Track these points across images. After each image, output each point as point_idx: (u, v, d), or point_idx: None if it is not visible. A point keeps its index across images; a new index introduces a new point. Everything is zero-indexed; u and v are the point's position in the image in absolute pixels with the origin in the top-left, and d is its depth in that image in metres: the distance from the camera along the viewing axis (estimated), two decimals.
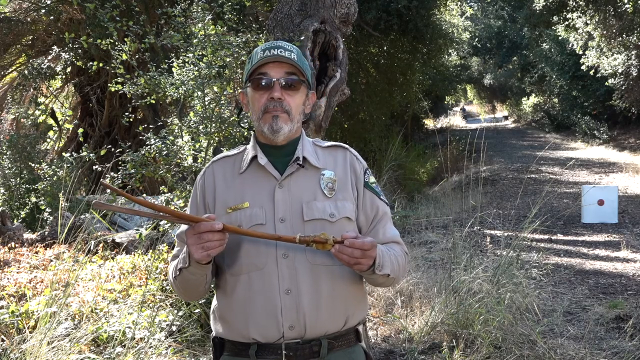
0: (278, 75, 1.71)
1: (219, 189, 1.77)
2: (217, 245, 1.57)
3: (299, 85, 1.74)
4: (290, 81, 1.72)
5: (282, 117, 1.71)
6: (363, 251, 1.59)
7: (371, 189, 1.81)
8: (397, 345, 4.39)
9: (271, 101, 1.70)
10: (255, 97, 1.74)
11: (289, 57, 1.71)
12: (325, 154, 1.81)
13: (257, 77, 1.72)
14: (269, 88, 1.71)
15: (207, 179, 1.81)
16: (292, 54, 1.73)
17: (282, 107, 1.70)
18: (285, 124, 1.72)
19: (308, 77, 1.78)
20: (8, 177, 8.81)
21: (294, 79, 1.72)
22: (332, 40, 4.17)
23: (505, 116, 36.86)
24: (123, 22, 4.88)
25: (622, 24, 14.82)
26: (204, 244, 1.57)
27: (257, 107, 1.73)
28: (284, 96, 1.71)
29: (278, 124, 1.71)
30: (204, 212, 1.77)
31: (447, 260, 5.72)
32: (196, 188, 1.84)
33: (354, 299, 1.76)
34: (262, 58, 1.71)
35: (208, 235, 1.56)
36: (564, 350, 4.09)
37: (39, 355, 3.06)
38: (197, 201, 1.81)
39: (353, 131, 13.29)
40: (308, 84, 1.78)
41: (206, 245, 1.57)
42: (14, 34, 10.35)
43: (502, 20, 28.73)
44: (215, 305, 1.81)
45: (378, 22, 11.79)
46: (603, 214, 8.99)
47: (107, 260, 5.18)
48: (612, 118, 21.13)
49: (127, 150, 4.43)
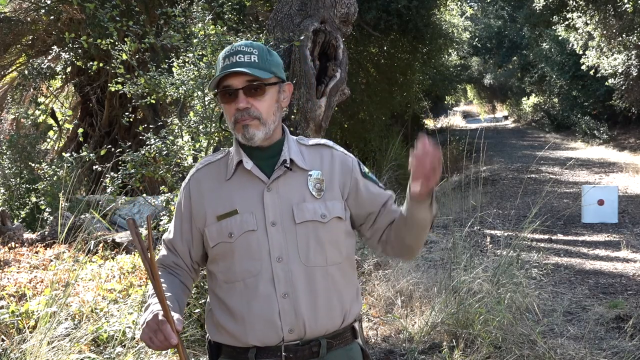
0: (240, 84, 1.68)
1: (206, 197, 1.75)
2: (161, 347, 1.60)
3: (264, 87, 1.70)
4: (253, 86, 1.69)
5: (252, 124, 1.69)
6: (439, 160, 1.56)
7: (370, 179, 1.81)
8: (397, 345, 4.39)
9: (238, 111, 1.69)
10: (225, 108, 1.73)
11: (248, 62, 1.67)
12: (310, 152, 1.79)
13: (221, 90, 1.71)
14: (235, 97, 1.69)
15: (193, 188, 1.78)
16: (252, 56, 1.69)
17: (249, 115, 1.68)
18: (257, 129, 1.70)
19: (276, 73, 1.73)
20: (8, 177, 8.81)
21: (256, 84, 1.69)
22: (332, 40, 4.17)
23: (505, 116, 36.84)
24: (123, 22, 4.87)
25: (622, 23, 14.82)
26: (153, 339, 1.59)
27: (229, 118, 1.72)
28: (250, 102, 1.68)
29: (250, 132, 1.69)
30: (189, 223, 1.77)
31: (447, 260, 5.72)
32: (180, 198, 1.81)
33: (349, 296, 1.76)
34: (222, 68, 1.69)
35: (161, 337, 1.58)
36: (564, 350, 4.09)
37: (39, 355, 3.06)
38: (181, 211, 1.79)
39: (353, 131, 13.28)
40: (278, 78, 1.74)
41: (154, 341, 1.59)
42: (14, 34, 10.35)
43: (502, 20, 28.71)
44: (209, 309, 1.79)
45: (378, 22, 11.78)
46: (603, 214, 8.98)
47: (107, 260, 5.18)
48: (612, 118, 21.12)
49: (127, 150, 4.43)
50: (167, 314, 1.61)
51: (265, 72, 1.69)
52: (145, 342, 1.61)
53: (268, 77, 1.70)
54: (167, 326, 1.58)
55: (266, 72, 1.69)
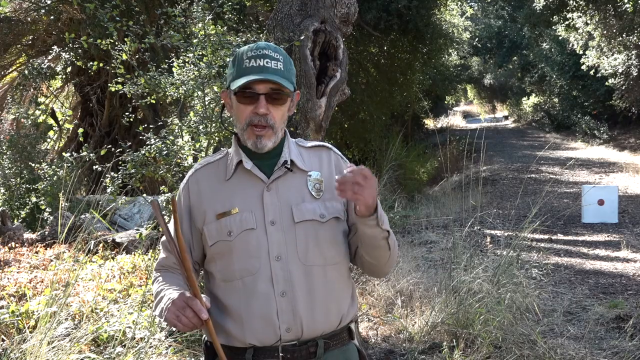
0: (264, 90, 1.67)
1: (205, 196, 1.75)
2: (189, 326, 1.57)
3: (285, 98, 1.70)
4: (276, 95, 1.68)
5: (266, 135, 1.68)
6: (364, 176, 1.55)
7: None
8: (397, 345, 4.39)
9: (256, 115, 1.67)
10: (240, 108, 1.70)
11: (275, 70, 1.66)
12: (310, 154, 1.80)
13: (241, 89, 1.68)
14: (254, 101, 1.67)
15: (192, 187, 1.78)
16: (279, 64, 1.67)
17: (267, 122, 1.67)
18: (269, 140, 1.70)
19: (294, 83, 1.73)
20: (8, 177, 8.80)
21: (280, 94, 1.68)
22: (332, 40, 4.17)
23: (506, 116, 36.85)
24: (123, 22, 4.88)
25: (622, 23, 14.82)
26: (181, 317, 1.56)
27: (242, 119, 1.70)
28: (269, 110, 1.67)
29: (262, 142, 1.69)
30: (189, 222, 1.76)
31: (447, 260, 5.72)
32: (180, 197, 1.81)
33: (346, 297, 1.77)
34: (247, 70, 1.66)
35: (190, 313, 1.56)
36: (564, 350, 4.09)
37: (39, 355, 3.06)
38: (181, 210, 1.79)
39: (353, 131, 13.27)
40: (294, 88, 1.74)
41: (182, 319, 1.57)
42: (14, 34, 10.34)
43: (502, 20, 28.71)
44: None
45: (378, 22, 11.78)
46: (603, 213, 8.98)
47: (107, 260, 5.18)
48: (612, 118, 21.13)
49: (127, 150, 4.43)
50: (196, 291, 1.55)
51: (289, 82, 1.70)
52: (171, 322, 1.58)
53: (290, 89, 1.70)
54: (196, 302, 1.56)
55: (289, 82, 1.70)
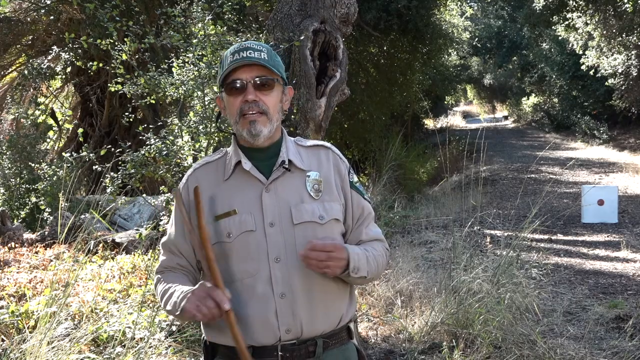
0: (250, 77, 1.69)
1: (204, 197, 1.74)
2: (209, 316, 1.57)
3: (273, 83, 1.72)
4: (263, 80, 1.70)
5: (260, 120, 1.69)
6: (327, 253, 1.59)
7: (356, 189, 1.81)
8: (397, 345, 4.39)
9: (246, 103, 1.69)
10: (230, 101, 1.72)
11: (258, 58, 1.69)
12: (309, 154, 1.80)
13: (229, 82, 1.70)
14: (243, 90, 1.69)
15: (191, 187, 1.77)
16: (262, 53, 1.71)
17: (258, 107, 1.69)
18: (264, 126, 1.70)
19: (282, 74, 1.76)
20: (8, 177, 8.80)
21: (266, 78, 1.70)
22: (332, 40, 4.17)
23: (505, 116, 36.85)
24: (123, 22, 4.88)
25: (622, 24, 14.82)
26: (201, 307, 1.56)
27: (234, 111, 1.71)
28: (258, 97, 1.69)
29: (257, 128, 1.69)
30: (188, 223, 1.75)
31: (447, 260, 5.72)
32: (179, 198, 1.81)
33: (345, 297, 1.77)
34: (231, 62, 1.69)
35: (211, 304, 1.55)
36: (564, 350, 4.08)
37: (39, 355, 3.06)
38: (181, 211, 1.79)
39: (353, 131, 13.27)
40: (283, 80, 1.77)
41: (202, 309, 1.56)
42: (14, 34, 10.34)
43: (502, 20, 28.72)
44: None
45: (378, 22, 11.78)
46: (603, 214, 8.98)
47: (107, 260, 5.19)
48: (612, 118, 21.12)
49: (127, 150, 4.43)
50: (218, 281, 1.53)
51: (274, 69, 1.72)
52: (189, 312, 1.57)
53: (277, 74, 1.72)
54: (218, 292, 1.55)
55: (274, 69, 1.72)
